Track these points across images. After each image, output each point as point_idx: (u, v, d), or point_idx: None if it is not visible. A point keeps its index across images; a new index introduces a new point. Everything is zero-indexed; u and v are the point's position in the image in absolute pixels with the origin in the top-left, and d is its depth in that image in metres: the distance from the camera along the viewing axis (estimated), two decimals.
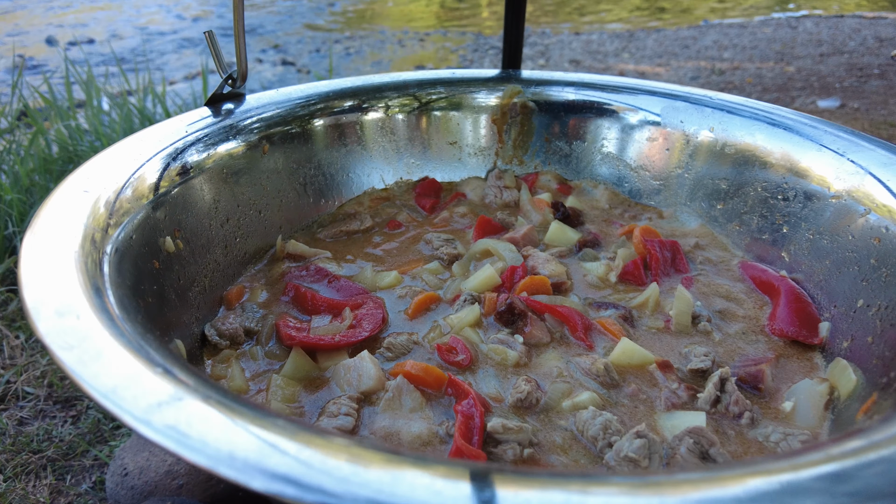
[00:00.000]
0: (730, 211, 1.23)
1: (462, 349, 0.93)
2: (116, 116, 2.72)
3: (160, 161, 0.98)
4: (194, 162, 1.02)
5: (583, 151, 1.43)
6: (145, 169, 0.93)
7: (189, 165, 1.00)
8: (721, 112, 1.27)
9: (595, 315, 1.03)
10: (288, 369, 0.90)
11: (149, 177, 0.92)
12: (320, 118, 1.27)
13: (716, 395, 0.87)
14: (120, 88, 3.07)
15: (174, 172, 0.98)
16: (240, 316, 1.00)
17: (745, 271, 1.15)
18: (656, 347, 0.98)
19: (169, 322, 0.81)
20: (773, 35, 5.93)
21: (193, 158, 1.03)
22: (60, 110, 2.71)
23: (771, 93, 4.09)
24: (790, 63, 4.85)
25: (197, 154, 1.04)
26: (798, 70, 4.63)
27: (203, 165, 1.04)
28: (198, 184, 1.02)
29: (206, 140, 1.08)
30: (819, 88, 4.13)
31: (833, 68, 4.61)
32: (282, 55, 5.69)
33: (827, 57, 4.98)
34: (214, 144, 1.09)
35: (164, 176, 0.95)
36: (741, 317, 1.05)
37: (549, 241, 1.24)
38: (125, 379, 0.52)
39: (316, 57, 5.57)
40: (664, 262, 1.15)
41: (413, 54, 5.85)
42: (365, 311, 1.01)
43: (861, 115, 3.55)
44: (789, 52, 5.22)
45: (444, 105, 1.40)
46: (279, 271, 1.13)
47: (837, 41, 5.48)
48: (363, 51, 5.88)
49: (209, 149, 1.07)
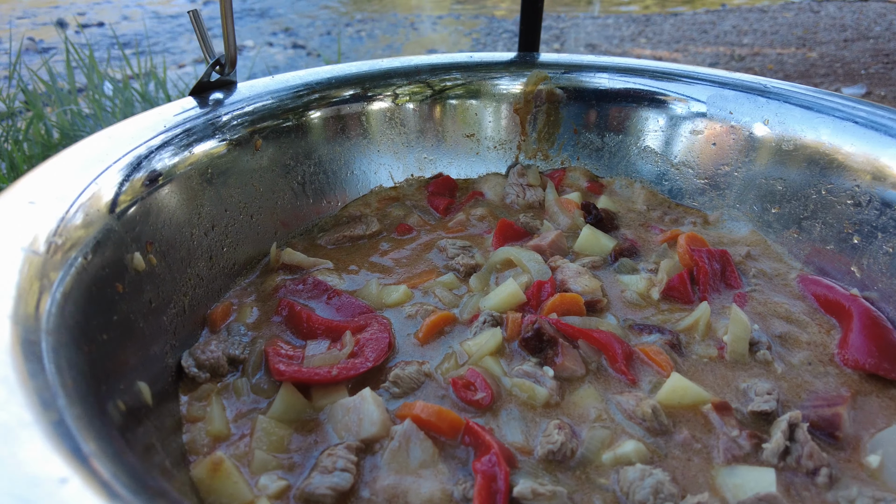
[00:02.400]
0: (786, 216, 1.07)
1: (482, 385, 0.79)
2: (119, 101, 2.60)
3: (128, 164, 0.84)
4: (170, 164, 0.88)
5: (617, 145, 1.28)
6: (109, 174, 0.79)
7: (160, 170, 0.86)
8: (777, 102, 1.11)
9: (637, 341, 0.89)
10: (276, 409, 0.77)
11: (112, 184, 0.78)
12: (319, 109, 1.12)
13: (784, 445, 0.72)
14: (122, 73, 2.95)
15: (144, 177, 0.84)
16: (224, 341, 0.86)
17: (806, 287, 0.99)
18: (709, 381, 0.83)
19: (128, 362, 0.67)
20: (794, 20, 5.72)
21: (169, 160, 0.89)
22: (61, 94, 2.60)
23: (793, 80, 3.90)
24: (813, 49, 4.65)
25: (175, 153, 0.90)
26: (821, 56, 4.43)
27: (181, 167, 0.90)
28: (175, 188, 0.89)
29: (186, 135, 0.93)
30: (843, 75, 3.93)
31: (858, 54, 4.41)
32: (293, 38, 5.55)
33: (851, 42, 4.77)
34: (197, 140, 0.95)
35: (131, 181, 0.81)
36: (805, 343, 0.90)
37: (579, 249, 1.09)
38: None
39: (327, 40, 5.43)
40: (713, 275, 1.00)
41: (425, 37, 5.69)
42: (368, 334, 0.87)
43: (888, 103, 3.36)
44: (812, 37, 5.01)
45: (460, 93, 1.25)
46: (273, 284, 0.99)
47: (862, 26, 5.26)
48: (375, 34, 5.72)
49: (190, 146, 0.93)
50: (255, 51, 4.98)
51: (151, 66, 2.94)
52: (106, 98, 2.67)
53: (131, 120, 0.93)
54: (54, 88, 2.60)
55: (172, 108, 0.99)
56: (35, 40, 5.04)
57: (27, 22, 5.79)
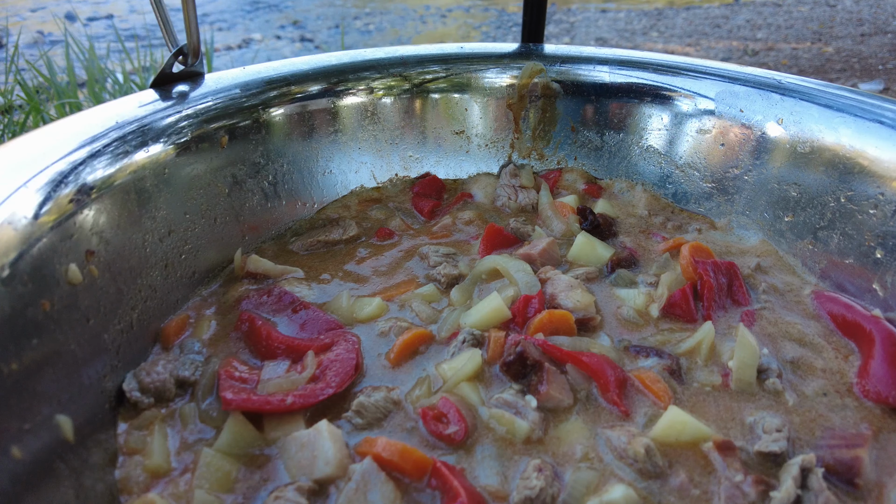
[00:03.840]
0: (801, 225, 0.98)
1: (455, 417, 0.70)
2: (119, 95, 2.55)
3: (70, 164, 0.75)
4: (119, 165, 0.80)
5: (617, 144, 1.18)
6: (43, 176, 0.70)
7: (107, 172, 0.78)
8: (793, 99, 1.01)
9: (632, 366, 0.80)
10: (223, 442, 0.68)
11: (46, 187, 0.70)
12: (293, 102, 1.03)
13: (796, 493, 0.63)
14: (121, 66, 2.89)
15: (87, 179, 0.75)
16: (173, 361, 0.78)
17: (822, 305, 0.90)
18: (711, 414, 0.74)
19: (44, 393, 0.59)
20: (809, 14, 5.58)
21: (118, 159, 0.80)
22: (59, 88, 2.55)
23: (808, 75, 3.78)
24: (828, 43, 4.52)
25: (126, 152, 0.82)
26: (837, 51, 4.30)
27: (132, 167, 0.81)
28: (124, 190, 0.80)
29: (141, 132, 0.85)
30: (860, 70, 3.80)
31: (875, 49, 4.27)
32: (301, 31, 5.47)
33: (868, 37, 4.63)
34: (153, 137, 0.86)
35: (70, 185, 0.73)
36: (820, 370, 0.81)
37: (573, 258, 1.00)
38: None
39: (335, 33, 5.34)
40: (719, 291, 0.91)
41: (434, 31, 5.60)
42: (333, 355, 0.78)
43: None
44: (827, 31, 4.88)
45: (445, 86, 1.16)
46: (235, 295, 0.91)
47: (879, 20, 5.12)
48: (384, 27, 5.64)
49: (145, 144, 0.85)
50: (262, 44, 4.91)
51: (151, 60, 2.88)
52: (106, 92, 2.61)
53: (80, 115, 0.85)
54: (53, 82, 2.55)
55: (129, 102, 0.91)
56: (44, 33, 4.99)
57: (39, 14, 5.74)
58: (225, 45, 4.86)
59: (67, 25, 4.82)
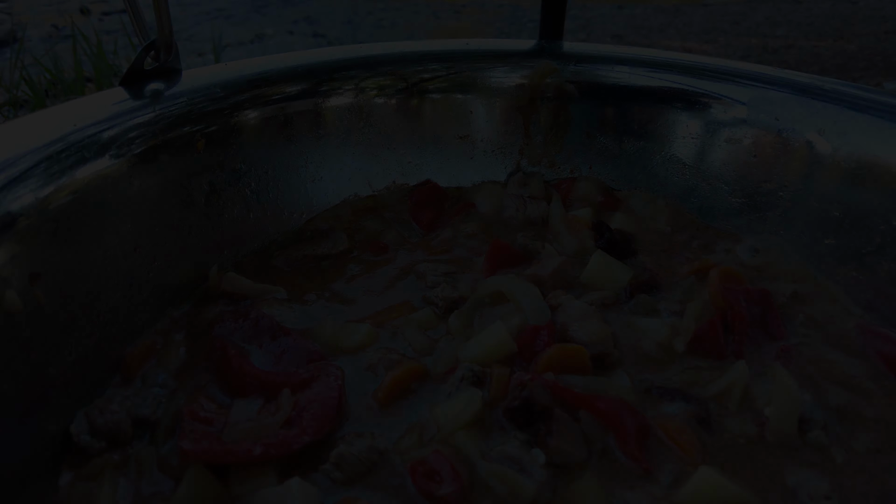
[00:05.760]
0: (844, 248, 0.87)
1: (449, 474, 0.61)
2: None
3: (20, 171, 0.66)
4: (76, 173, 0.71)
5: (637, 152, 1.08)
6: None
7: (60, 181, 0.69)
8: (836, 107, 0.91)
9: (655, 412, 0.70)
10: (181, 498, 0.59)
11: None
12: (273, 103, 0.94)
13: None
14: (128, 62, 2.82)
15: (35, 189, 0.66)
16: (132, 397, 0.69)
17: (869, 342, 0.80)
18: (747, 472, 0.64)
19: None
20: (831, 10, 5.43)
21: (73, 168, 0.71)
22: (66, 83, 2.49)
23: (829, 73, 3.65)
24: (850, 41, 4.38)
25: (84, 158, 0.72)
26: (860, 48, 4.16)
27: (87, 176, 0.72)
28: (81, 202, 0.71)
29: (103, 134, 0.76)
30: (884, 69, 3.67)
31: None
32: (314, 27, 5.38)
33: (892, 34, 4.49)
34: (116, 142, 0.77)
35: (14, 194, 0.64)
36: (871, 421, 0.70)
37: (587, 280, 0.90)
38: None
39: (348, 28, 5.26)
40: (752, 322, 0.80)
41: (447, 26, 5.50)
42: (313, 394, 0.68)
43: None
44: (849, 28, 4.74)
45: (445, 85, 1.06)
46: (209, 317, 0.81)
47: None
48: (397, 22, 5.54)
49: (106, 149, 0.75)
50: (273, 39, 4.82)
51: None
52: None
53: (35, 115, 0.76)
54: (58, 77, 2.50)
55: (92, 101, 0.81)
56: (58, 27, 4.92)
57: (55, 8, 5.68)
58: (237, 40, 4.77)
59: (81, 20, 4.75)
